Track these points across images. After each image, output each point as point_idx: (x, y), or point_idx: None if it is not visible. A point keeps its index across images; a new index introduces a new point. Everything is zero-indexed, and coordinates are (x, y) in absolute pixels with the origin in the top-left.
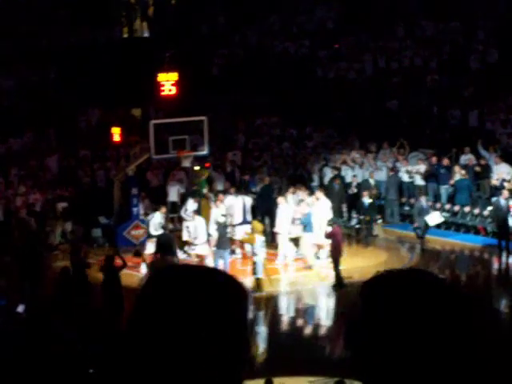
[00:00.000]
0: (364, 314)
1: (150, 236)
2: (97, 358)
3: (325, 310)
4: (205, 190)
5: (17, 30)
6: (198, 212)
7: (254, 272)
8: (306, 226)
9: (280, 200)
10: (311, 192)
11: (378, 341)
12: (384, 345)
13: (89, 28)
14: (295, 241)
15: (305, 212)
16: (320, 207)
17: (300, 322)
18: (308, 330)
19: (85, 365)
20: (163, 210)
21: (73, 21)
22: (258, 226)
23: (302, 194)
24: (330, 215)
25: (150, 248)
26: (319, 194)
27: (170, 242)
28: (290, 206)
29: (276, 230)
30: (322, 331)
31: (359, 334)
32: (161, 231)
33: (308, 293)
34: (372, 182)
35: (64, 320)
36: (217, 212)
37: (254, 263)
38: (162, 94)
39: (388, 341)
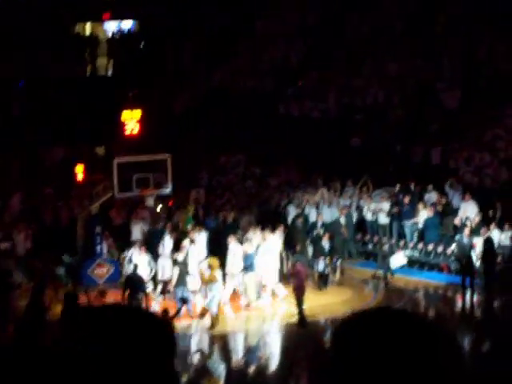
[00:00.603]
0: (338, 354)
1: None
2: None
3: (277, 349)
4: (189, 227)
5: None
6: (176, 249)
7: (209, 309)
8: (250, 265)
9: (230, 239)
10: (273, 230)
11: (354, 378)
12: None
13: (52, 65)
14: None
15: (249, 251)
16: (267, 247)
17: (248, 361)
18: (256, 370)
19: None
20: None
21: (36, 57)
22: (215, 262)
23: (254, 233)
24: (275, 256)
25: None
26: (267, 235)
27: (141, 280)
28: (239, 245)
29: (227, 269)
30: (271, 372)
31: (335, 371)
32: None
33: (260, 332)
34: (342, 221)
35: None
36: (194, 249)
37: (210, 300)
38: (126, 131)
39: (363, 377)
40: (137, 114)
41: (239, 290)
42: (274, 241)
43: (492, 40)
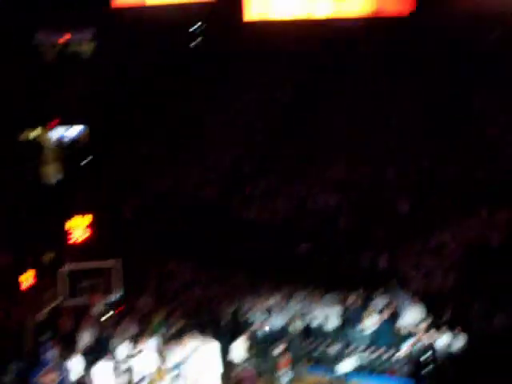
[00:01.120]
0: None
1: None
2: None
3: None
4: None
5: None
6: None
7: None
8: (178, 375)
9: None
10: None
11: None
12: None
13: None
14: None
15: (178, 360)
16: (200, 356)
17: None
18: None
19: None
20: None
21: None
22: (161, 372)
23: (190, 341)
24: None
25: None
26: (201, 343)
27: None
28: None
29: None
30: None
31: None
32: None
33: None
34: (293, 326)
35: None
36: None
37: None
38: (74, 237)
39: None
40: (85, 219)
41: None
42: (214, 346)
43: (438, 148)
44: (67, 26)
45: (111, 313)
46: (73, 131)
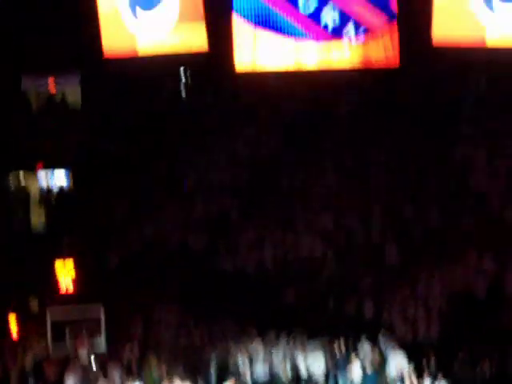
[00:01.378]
0: None
1: None
2: None
3: None
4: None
5: None
6: None
7: None
8: None
9: None
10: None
11: None
12: None
13: None
14: None
15: None
16: None
17: None
18: None
19: None
20: None
21: None
22: None
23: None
24: None
25: None
26: None
27: None
28: None
29: None
30: None
31: None
32: None
33: None
34: (279, 374)
35: None
36: None
37: None
38: (59, 282)
39: None
40: (69, 264)
41: None
42: None
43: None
44: (54, 72)
45: (96, 359)
46: (57, 176)
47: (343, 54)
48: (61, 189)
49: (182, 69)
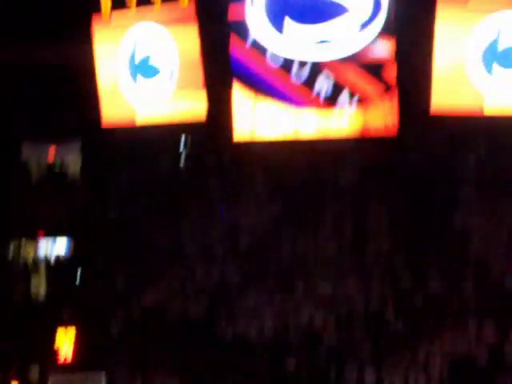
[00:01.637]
0: None
1: None
2: None
3: None
4: None
5: None
6: None
7: None
8: None
9: None
10: None
11: None
12: None
13: None
14: None
15: None
16: None
17: None
18: None
19: None
20: None
21: None
22: None
23: None
24: None
25: None
26: None
27: None
28: None
29: None
30: None
31: None
32: None
33: None
34: None
35: None
36: None
37: None
38: (59, 350)
39: None
40: (70, 332)
41: None
42: None
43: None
44: (54, 142)
45: None
46: (59, 244)
47: (341, 123)
48: (61, 257)
49: (182, 137)
